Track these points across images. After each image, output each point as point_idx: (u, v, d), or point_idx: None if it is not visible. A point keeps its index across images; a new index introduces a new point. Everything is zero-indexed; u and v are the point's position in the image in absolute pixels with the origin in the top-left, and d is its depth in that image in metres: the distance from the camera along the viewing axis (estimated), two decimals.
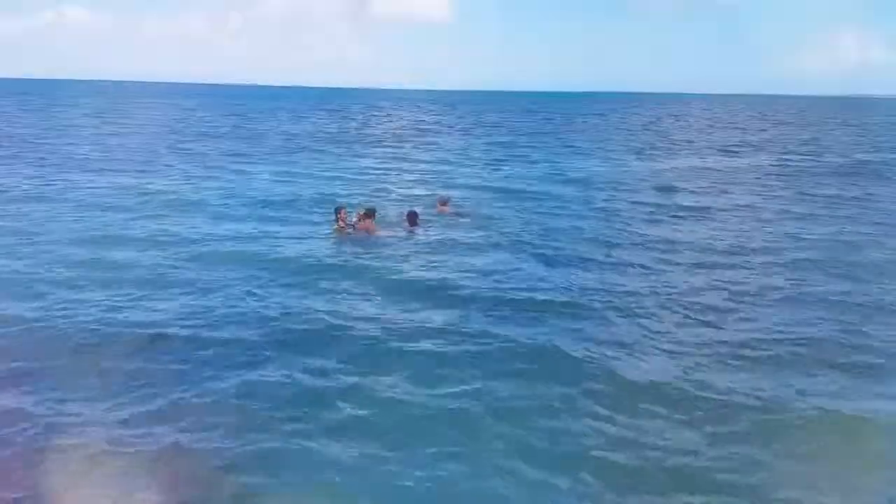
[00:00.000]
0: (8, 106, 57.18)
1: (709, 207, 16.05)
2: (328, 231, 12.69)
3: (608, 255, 11.24)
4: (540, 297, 8.81)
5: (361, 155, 27.48)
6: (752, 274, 10.16)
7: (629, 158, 27.40)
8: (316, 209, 14.92)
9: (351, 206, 13.31)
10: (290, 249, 11.33)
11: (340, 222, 12.55)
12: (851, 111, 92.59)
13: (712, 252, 11.51)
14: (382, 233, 12.40)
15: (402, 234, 12.55)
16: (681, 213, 15.26)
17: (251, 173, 20.78)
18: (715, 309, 8.42)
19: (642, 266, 10.52)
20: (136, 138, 31.84)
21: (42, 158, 22.61)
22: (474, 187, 18.85)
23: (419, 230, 12.72)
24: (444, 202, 14.76)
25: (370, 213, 12.57)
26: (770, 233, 13.32)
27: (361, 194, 16.97)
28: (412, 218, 12.96)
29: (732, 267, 10.52)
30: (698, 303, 8.66)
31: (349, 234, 12.45)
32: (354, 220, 12.57)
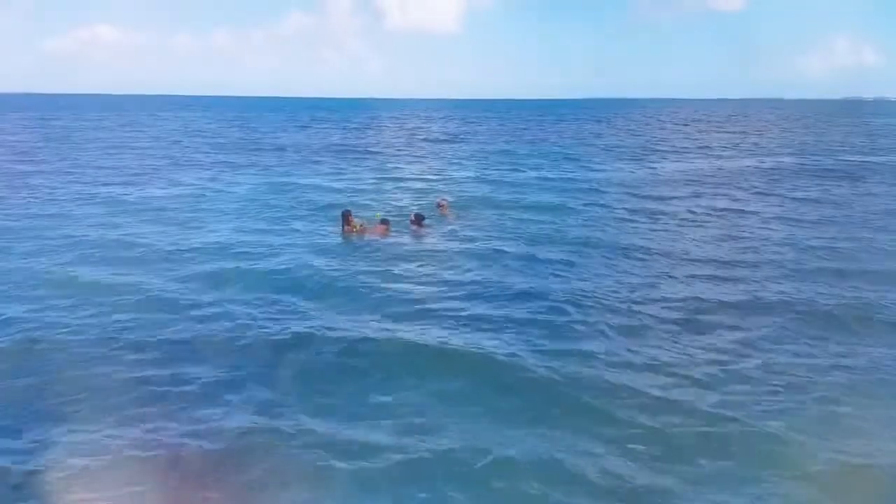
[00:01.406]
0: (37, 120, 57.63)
1: (710, 211, 16.27)
2: (336, 236, 12.86)
3: (598, 259, 11.50)
4: (533, 303, 8.95)
5: (366, 161, 28.01)
6: (743, 280, 10.20)
7: (624, 164, 27.76)
8: (322, 214, 15.15)
9: (358, 206, 13.41)
10: (298, 256, 11.38)
11: (348, 226, 12.81)
12: (846, 113, 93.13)
13: (708, 259, 11.56)
14: (391, 235, 12.81)
15: (410, 235, 13.02)
16: (676, 218, 15.42)
17: (256, 181, 21.21)
18: (706, 319, 8.45)
19: (633, 271, 10.69)
20: (149, 150, 32.43)
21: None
22: (474, 191, 19.34)
23: (424, 231, 13.26)
24: (444, 205, 15.28)
25: (384, 223, 12.99)
26: (759, 236, 13.51)
27: (365, 198, 17.44)
28: (418, 219, 13.50)
29: (724, 277, 10.49)
30: (692, 311, 8.72)
31: (359, 233, 12.64)
32: (368, 226, 12.85)
